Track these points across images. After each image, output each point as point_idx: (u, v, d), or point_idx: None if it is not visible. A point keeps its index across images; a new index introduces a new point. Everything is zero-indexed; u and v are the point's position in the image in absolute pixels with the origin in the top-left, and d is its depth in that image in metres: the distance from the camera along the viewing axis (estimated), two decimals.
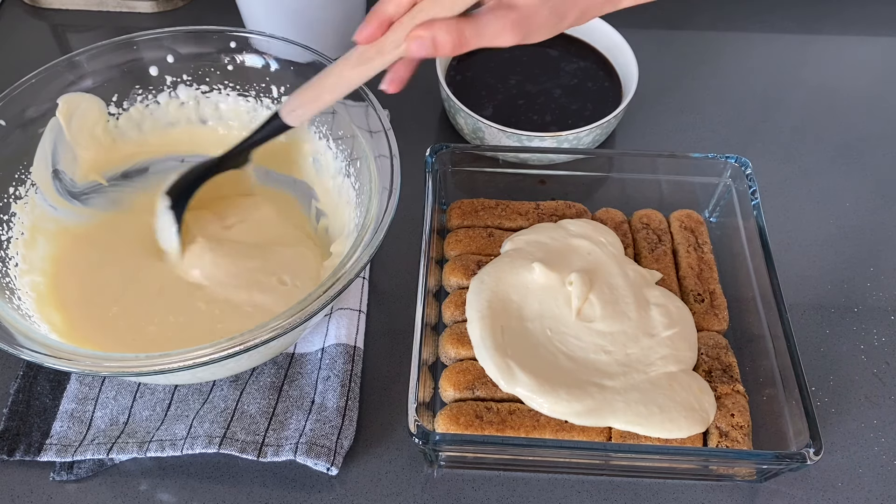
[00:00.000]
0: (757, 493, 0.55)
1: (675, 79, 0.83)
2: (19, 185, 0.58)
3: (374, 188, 0.55)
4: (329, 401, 0.56)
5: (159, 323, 0.57)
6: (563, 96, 0.76)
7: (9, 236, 0.57)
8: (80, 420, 0.56)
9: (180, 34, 0.63)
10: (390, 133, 0.57)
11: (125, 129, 0.64)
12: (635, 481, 0.55)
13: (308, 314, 0.47)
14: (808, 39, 0.88)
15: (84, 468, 0.54)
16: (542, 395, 0.53)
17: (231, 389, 0.57)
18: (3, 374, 0.59)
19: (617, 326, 0.57)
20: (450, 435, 0.51)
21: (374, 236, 0.51)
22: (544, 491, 0.55)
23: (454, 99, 0.71)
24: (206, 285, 0.59)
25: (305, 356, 0.59)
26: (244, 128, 0.65)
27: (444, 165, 0.65)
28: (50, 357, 0.46)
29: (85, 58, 0.61)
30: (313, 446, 0.53)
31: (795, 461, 0.50)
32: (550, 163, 0.69)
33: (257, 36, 0.63)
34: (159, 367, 0.45)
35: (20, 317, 0.52)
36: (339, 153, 0.62)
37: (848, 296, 0.66)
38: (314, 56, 0.61)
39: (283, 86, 0.63)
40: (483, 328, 0.56)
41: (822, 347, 0.63)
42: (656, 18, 0.89)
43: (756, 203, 0.62)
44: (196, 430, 0.55)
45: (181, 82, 0.64)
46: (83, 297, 0.58)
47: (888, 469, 0.57)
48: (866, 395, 0.60)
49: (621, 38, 0.76)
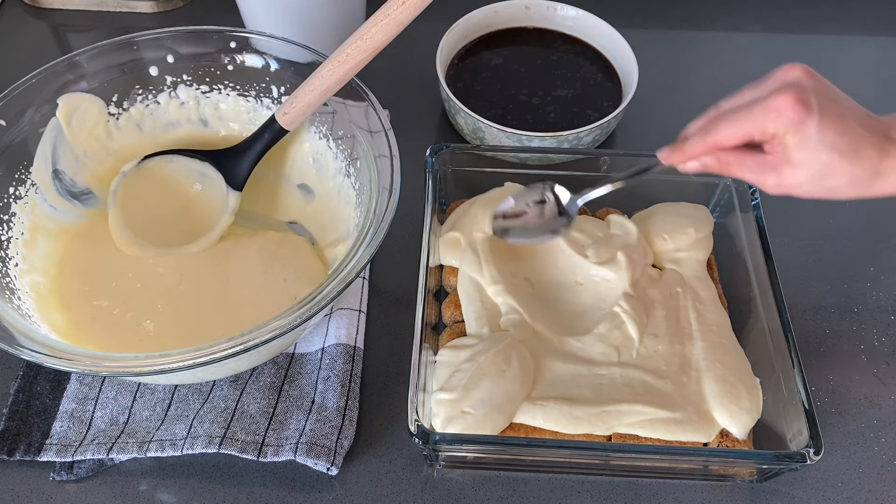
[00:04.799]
0: (757, 493, 0.55)
1: (675, 79, 0.83)
2: (19, 185, 0.58)
3: (374, 188, 0.55)
4: (329, 401, 0.56)
5: (159, 323, 0.57)
6: (563, 96, 0.76)
7: (9, 236, 0.57)
8: (80, 420, 0.56)
9: (180, 34, 0.63)
10: (390, 133, 0.57)
11: (125, 129, 0.64)
12: (635, 481, 0.55)
13: (308, 314, 0.47)
14: (808, 39, 0.88)
15: (84, 468, 0.54)
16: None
17: (231, 389, 0.57)
18: (3, 374, 0.59)
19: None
20: (450, 435, 0.51)
21: (374, 236, 0.51)
22: (544, 491, 0.55)
23: (454, 99, 0.71)
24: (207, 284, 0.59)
25: (305, 356, 0.59)
26: (244, 128, 0.65)
27: (444, 165, 0.65)
28: (50, 357, 0.46)
29: (85, 58, 0.61)
30: (313, 446, 0.53)
31: (795, 461, 0.50)
32: (550, 163, 0.69)
33: (257, 36, 0.63)
34: (159, 367, 0.45)
35: (20, 317, 0.52)
36: (339, 153, 0.62)
37: (848, 296, 0.66)
38: (314, 56, 0.61)
39: (283, 86, 0.63)
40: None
41: (822, 347, 0.63)
42: (656, 18, 0.89)
43: (756, 203, 0.62)
44: (196, 429, 0.55)
45: (181, 82, 0.64)
46: (83, 297, 0.58)
47: (888, 469, 0.57)
48: (866, 395, 0.60)
49: (621, 38, 0.76)
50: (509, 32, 0.81)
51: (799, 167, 0.48)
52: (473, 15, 0.79)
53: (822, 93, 0.48)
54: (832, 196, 0.49)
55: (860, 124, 0.48)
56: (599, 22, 0.78)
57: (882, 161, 0.47)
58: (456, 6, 0.78)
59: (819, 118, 0.46)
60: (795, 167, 0.48)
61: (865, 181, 0.48)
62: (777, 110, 0.47)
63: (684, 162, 0.52)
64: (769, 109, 0.47)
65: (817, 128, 0.46)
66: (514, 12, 0.80)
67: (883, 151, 0.47)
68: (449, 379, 0.53)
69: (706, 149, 0.51)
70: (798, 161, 0.47)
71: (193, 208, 0.63)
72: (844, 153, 0.47)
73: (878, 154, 0.47)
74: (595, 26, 0.79)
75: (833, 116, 0.47)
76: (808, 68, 0.49)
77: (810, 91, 0.47)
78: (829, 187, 0.48)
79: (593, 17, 0.78)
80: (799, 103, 0.46)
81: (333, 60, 0.55)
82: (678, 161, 0.52)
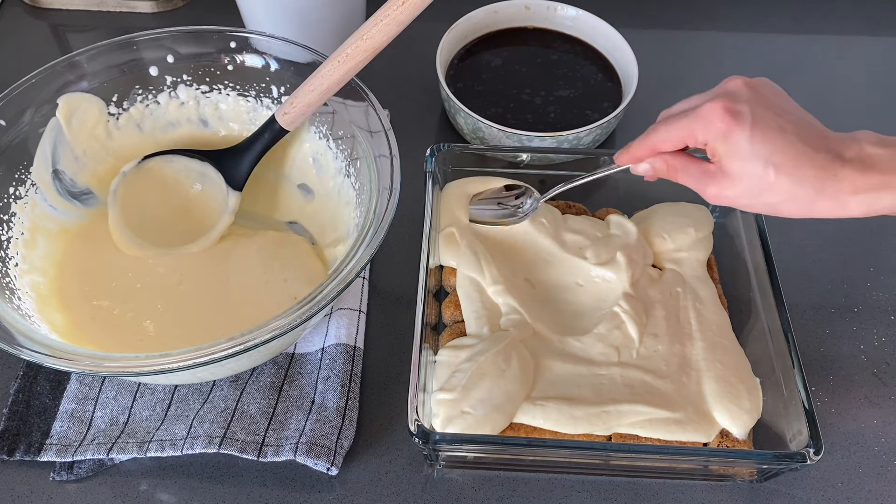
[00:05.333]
0: (757, 493, 0.55)
1: (675, 79, 0.83)
2: (19, 185, 0.58)
3: (374, 188, 0.55)
4: (329, 401, 0.56)
5: (159, 323, 0.57)
6: (563, 96, 0.76)
7: (9, 236, 0.57)
8: (80, 420, 0.56)
9: (180, 34, 0.63)
10: (390, 133, 0.57)
11: (125, 129, 0.64)
12: (635, 481, 0.55)
13: (308, 314, 0.47)
14: (808, 39, 0.88)
15: (84, 468, 0.54)
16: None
17: (231, 389, 0.57)
18: (3, 374, 0.59)
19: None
20: (450, 435, 0.51)
21: (374, 236, 0.51)
22: (544, 491, 0.55)
23: (454, 99, 0.71)
24: (207, 284, 0.59)
25: (305, 356, 0.59)
26: (244, 128, 0.65)
27: (444, 165, 0.65)
28: (50, 357, 0.46)
29: (85, 58, 0.61)
30: (313, 446, 0.53)
31: (795, 461, 0.50)
32: (550, 163, 0.69)
33: (257, 36, 0.63)
34: (159, 367, 0.45)
35: (20, 317, 0.52)
36: (339, 153, 0.62)
37: (848, 296, 0.66)
38: (314, 56, 0.61)
39: (283, 86, 0.63)
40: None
41: (822, 347, 0.63)
42: (656, 18, 0.89)
43: None
44: (196, 429, 0.55)
45: (181, 82, 0.64)
46: (83, 297, 0.58)
47: (888, 469, 0.57)
48: (866, 395, 0.60)
49: (621, 38, 0.76)
50: (509, 32, 0.81)
51: (735, 179, 0.47)
52: (473, 15, 0.79)
53: (761, 104, 0.47)
54: (774, 213, 0.48)
55: (803, 140, 0.46)
56: (599, 22, 0.78)
57: (825, 182, 0.45)
58: (456, 6, 0.78)
59: (751, 129, 0.46)
60: (732, 179, 0.47)
61: (807, 201, 0.46)
62: (705, 118, 0.47)
63: (632, 163, 0.53)
64: (699, 117, 0.47)
65: (748, 139, 0.46)
66: (514, 12, 0.80)
67: (827, 171, 0.45)
68: (449, 379, 0.53)
69: (646, 151, 0.52)
70: (733, 172, 0.47)
71: (193, 208, 0.63)
72: (781, 168, 0.45)
73: (821, 173, 0.45)
74: (595, 26, 0.79)
75: (769, 129, 0.46)
76: (750, 80, 0.48)
77: (743, 101, 0.46)
78: (768, 203, 0.48)
79: (593, 17, 0.78)
80: (727, 112, 0.46)
81: (333, 60, 0.55)
82: (625, 162, 0.54)
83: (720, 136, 0.46)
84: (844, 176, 0.45)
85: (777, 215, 0.48)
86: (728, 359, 0.56)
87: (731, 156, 0.47)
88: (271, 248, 0.61)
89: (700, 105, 0.48)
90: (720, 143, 0.47)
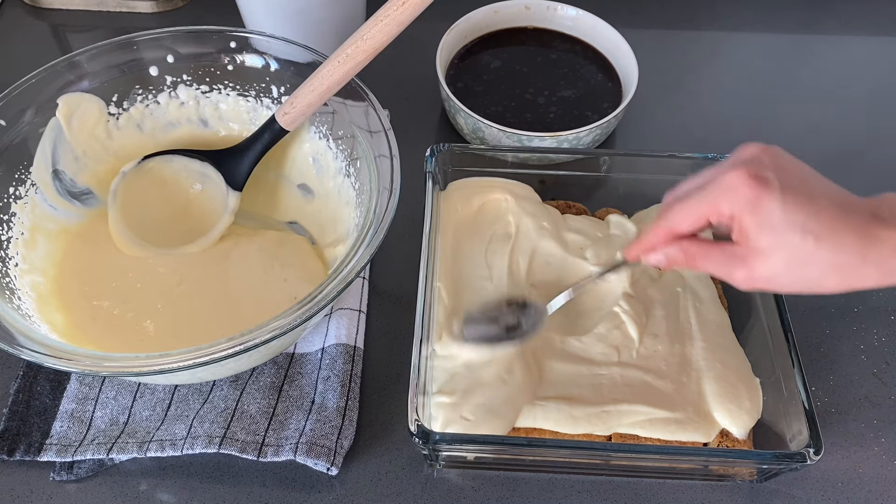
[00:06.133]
0: (757, 493, 0.55)
1: (675, 79, 0.83)
2: (19, 185, 0.58)
3: (374, 188, 0.55)
4: (329, 401, 0.56)
5: (159, 323, 0.57)
6: (563, 96, 0.76)
7: (9, 236, 0.57)
8: (80, 420, 0.56)
9: (180, 34, 0.63)
10: (390, 133, 0.57)
11: (125, 129, 0.64)
12: (635, 481, 0.55)
13: (308, 314, 0.47)
14: (808, 39, 0.88)
15: (84, 468, 0.54)
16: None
17: (231, 389, 0.57)
18: (3, 374, 0.59)
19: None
20: (450, 435, 0.50)
21: (374, 236, 0.51)
22: (544, 491, 0.55)
23: (454, 99, 0.71)
24: (207, 284, 0.59)
25: (305, 356, 0.59)
26: (244, 128, 0.65)
27: (444, 165, 0.65)
28: (50, 357, 0.46)
29: (85, 58, 0.61)
30: (313, 446, 0.53)
31: (795, 461, 0.50)
32: (550, 163, 0.69)
33: (257, 36, 0.63)
34: (159, 367, 0.45)
35: (20, 317, 0.52)
36: (339, 153, 0.62)
37: (848, 296, 0.66)
38: (314, 56, 0.61)
39: (283, 86, 0.63)
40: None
41: (822, 347, 0.63)
42: (656, 18, 0.89)
43: None
44: (196, 429, 0.55)
45: (181, 82, 0.64)
46: (83, 297, 0.58)
47: (888, 469, 0.57)
48: (866, 395, 0.60)
49: (621, 38, 0.76)
50: (509, 32, 0.81)
51: (769, 255, 0.42)
52: (473, 15, 0.79)
53: (784, 169, 0.43)
54: (815, 289, 0.43)
55: (835, 204, 0.42)
56: (599, 22, 0.78)
57: (868, 247, 0.41)
58: (456, 6, 0.78)
59: (781, 195, 0.41)
60: (765, 255, 0.42)
61: (851, 269, 0.42)
62: (730, 187, 0.42)
63: (645, 254, 0.48)
64: (721, 187, 0.43)
65: (781, 206, 0.41)
66: (513, 12, 0.80)
67: (868, 236, 0.41)
68: (448, 381, 0.53)
69: (662, 236, 0.47)
70: (765, 247, 0.42)
71: (193, 208, 0.63)
72: (821, 236, 0.41)
73: (862, 238, 0.41)
74: (595, 26, 0.79)
75: (800, 194, 0.42)
76: (766, 146, 0.44)
77: (766, 167, 0.42)
78: (807, 278, 0.43)
79: (593, 17, 0.78)
80: (753, 179, 0.42)
81: (333, 61, 0.55)
82: (638, 253, 0.49)
83: (748, 205, 0.42)
84: (886, 237, 0.41)
85: (818, 292, 0.43)
86: (728, 359, 0.56)
87: (762, 227, 0.42)
88: (271, 248, 0.61)
89: (719, 175, 0.43)
90: (748, 213, 0.42)
